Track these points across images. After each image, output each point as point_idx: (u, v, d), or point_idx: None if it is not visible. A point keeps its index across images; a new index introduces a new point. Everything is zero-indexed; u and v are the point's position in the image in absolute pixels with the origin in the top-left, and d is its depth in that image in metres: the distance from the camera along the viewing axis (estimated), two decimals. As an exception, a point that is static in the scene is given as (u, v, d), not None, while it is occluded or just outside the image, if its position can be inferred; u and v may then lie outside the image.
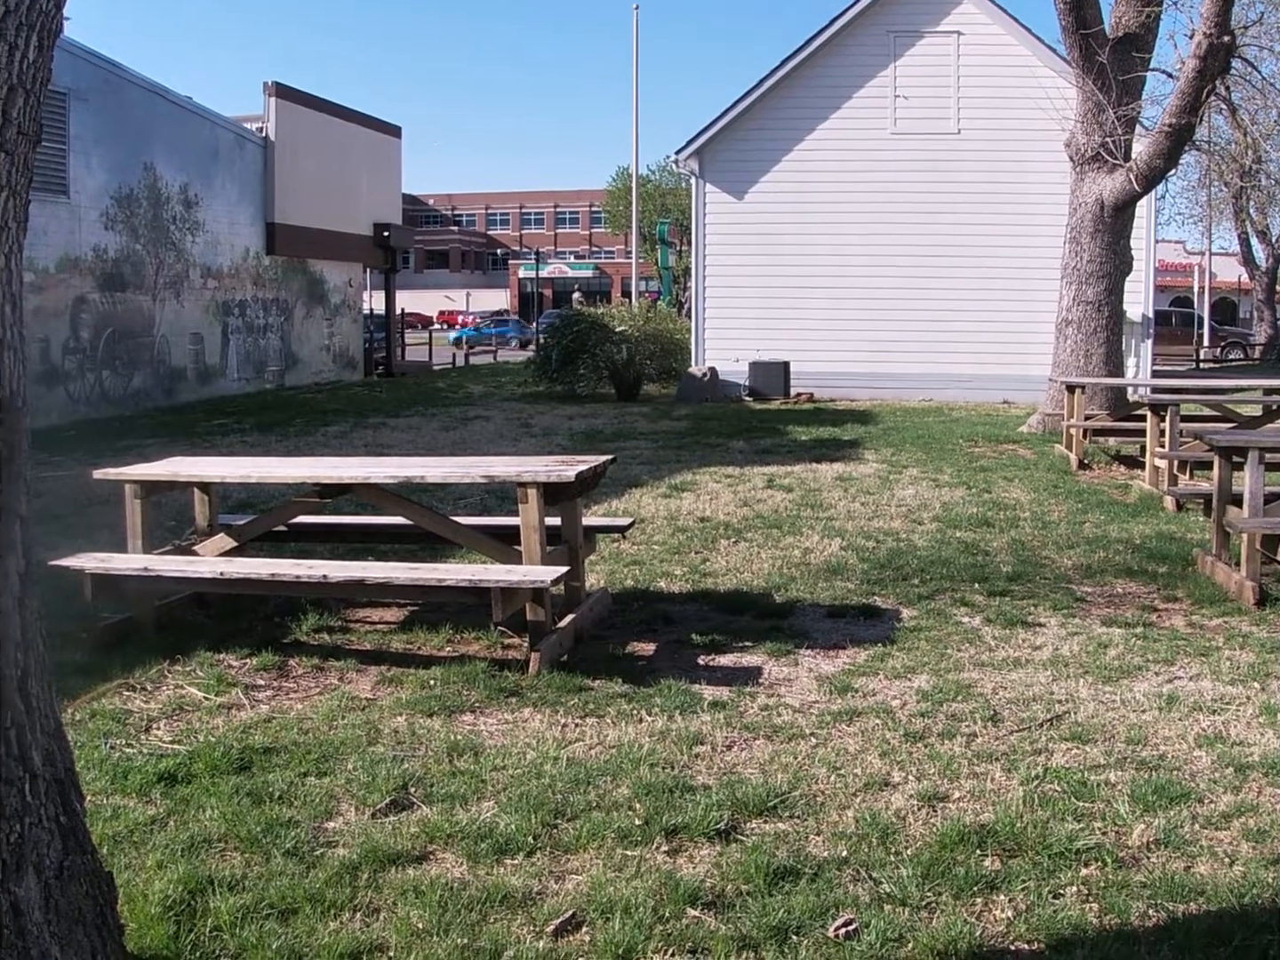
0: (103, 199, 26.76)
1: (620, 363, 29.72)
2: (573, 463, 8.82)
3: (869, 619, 9.33)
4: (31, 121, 3.37)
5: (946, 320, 28.43)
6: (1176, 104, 18.93)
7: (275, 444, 20.18)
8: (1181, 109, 18.83)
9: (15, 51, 3.24)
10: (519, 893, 5.00)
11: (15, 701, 3.37)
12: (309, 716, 7.18)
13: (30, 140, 3.37)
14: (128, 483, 9.07)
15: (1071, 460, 17.43)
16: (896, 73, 29.20)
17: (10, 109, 3.25)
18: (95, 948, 3.63)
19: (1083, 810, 5.78)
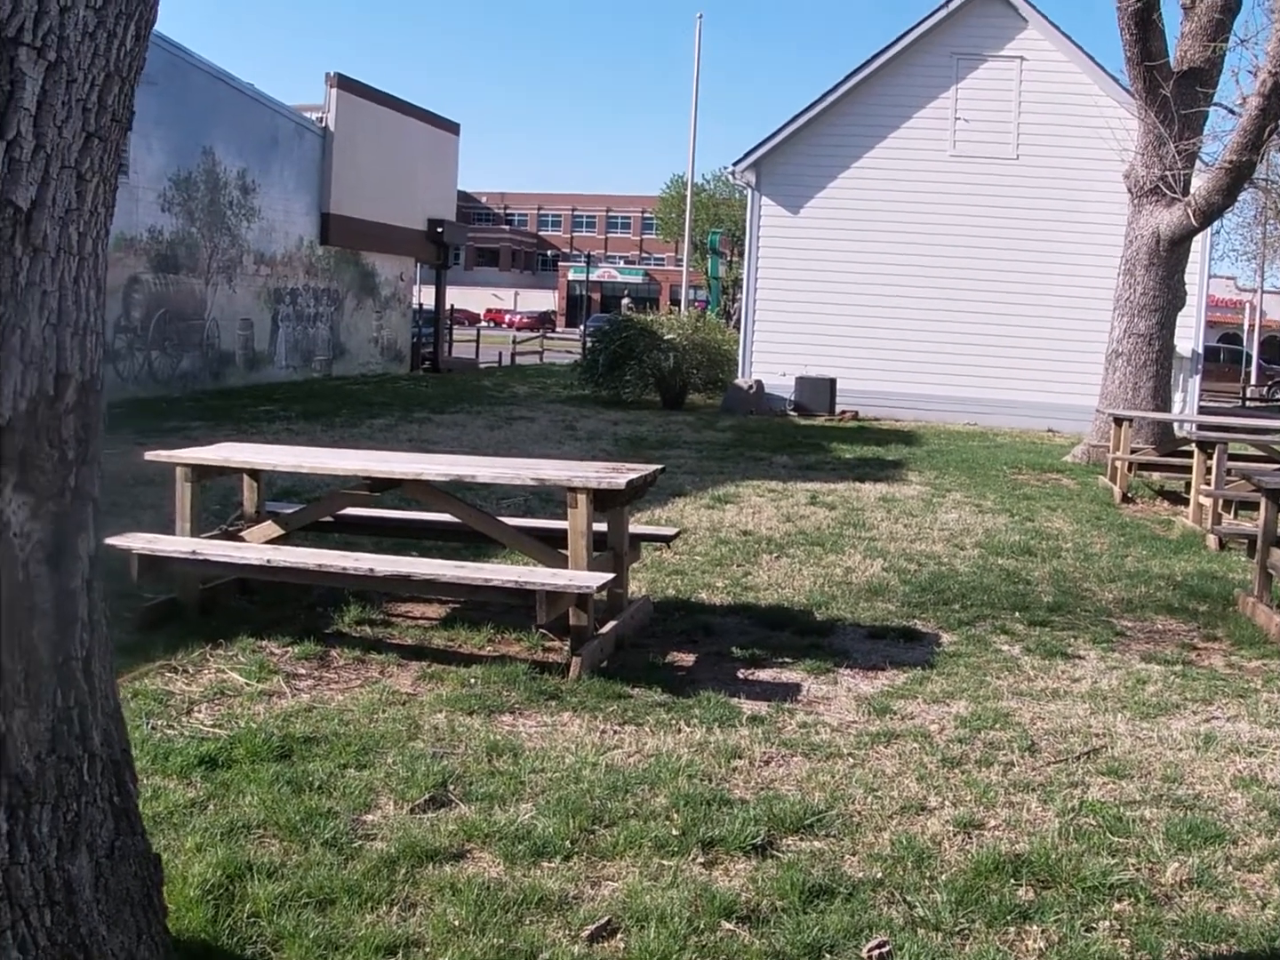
0: (161, 181, 26.92)
1: (667, 370, 29.71)
2: (623, 470, 8.84)
3: (909, 642, 9.32)
4: (125, 109, 3.41)
5: (994, 345, 28.35)
6: (1238, 141, 18.86)
7: (320, 434, 20.25)
8: (1243, 146, 18.76)
9: (114, 39, 3.28)
10: (555, 896, 5.01)
11: (79, 682, 3.41)
12: (349, 708, 7.21)
13: (123, 128, 3.41)
14: (179, 465, 9.12)
15: (1115, 493, 17.35)
16: (958, 95, 29.13)
17: (106, 96, 3.29)
18: (141, 928, 3.66)
19: (1117, 845, 5.75)
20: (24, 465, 3.17)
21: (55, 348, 3.21)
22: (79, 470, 3.34)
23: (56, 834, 3.33)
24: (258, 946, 4.58)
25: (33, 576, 3.23)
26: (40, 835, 3.28)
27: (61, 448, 3.27)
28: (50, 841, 3.31)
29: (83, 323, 3.31)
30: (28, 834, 3.24)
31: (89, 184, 3.29)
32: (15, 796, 3.21)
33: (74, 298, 3.27)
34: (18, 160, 3.06)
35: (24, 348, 3.12)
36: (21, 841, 3.23)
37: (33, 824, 3.26)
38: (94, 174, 3.30)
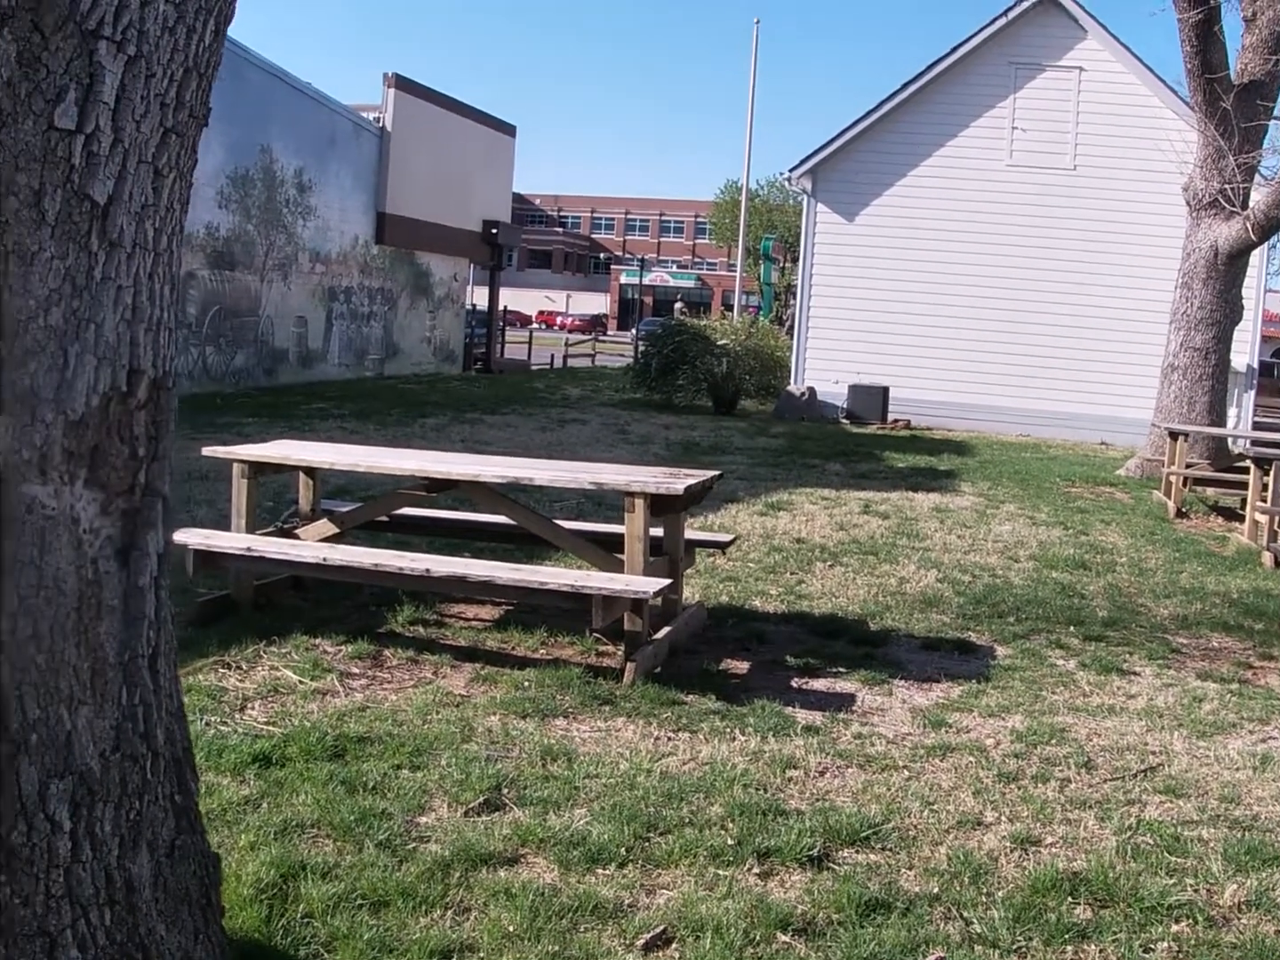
0: (218, 178, 27.02)
1: (720, 376, 29.66)
2: (681, 476, 8.80)
3: (963, 654, 9.25)
4: (202, 105, 3.39)
5: (1048, 356, 28.20)
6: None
7: (373, 432, 20.29)
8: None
9: (193, 35, 3.27)
10: (610, 904, 4.98)
11: (145, 680, 3.39)
12: (403, 709, 7.20)
13: (200, 124, 3.40)
14: (237, 462, 9.13)
15: (1169, 508, 17.21)
16: (1015, 104, 28.99)
17: (185, 92, 3.28)
18: (198, 928, 3.65)
19: (1175, 865, 5.68)
20: (95, 461, 3.16)
21: (129, 343, 3.20)
22: (149, 467, 3.33)
23: (118, 832, 3.31)
24: (311, 948, 4.56)
25: (101, 573, 3.22)
26: (102, 833, 3.27)
27: (133, 444, 3.26)
28: (112, 840, 3.30)
29: (157, 319, 3.30)
30: (90, 832, 3.23)
31: (166, 180, 3.27)
32: (79, 794, 3.20)
33: (149, 293, 3.26)
34: (95, 154, 3.05)
35: (98, 343, 3.11)
36: (84, 839, 3.22)
37: (95, 822, 3.25)
38: (171, 170, 3.29)
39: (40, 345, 3.00)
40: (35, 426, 3.01)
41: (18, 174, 2.92)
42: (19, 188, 2.93)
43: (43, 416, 3.02)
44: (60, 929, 3.16)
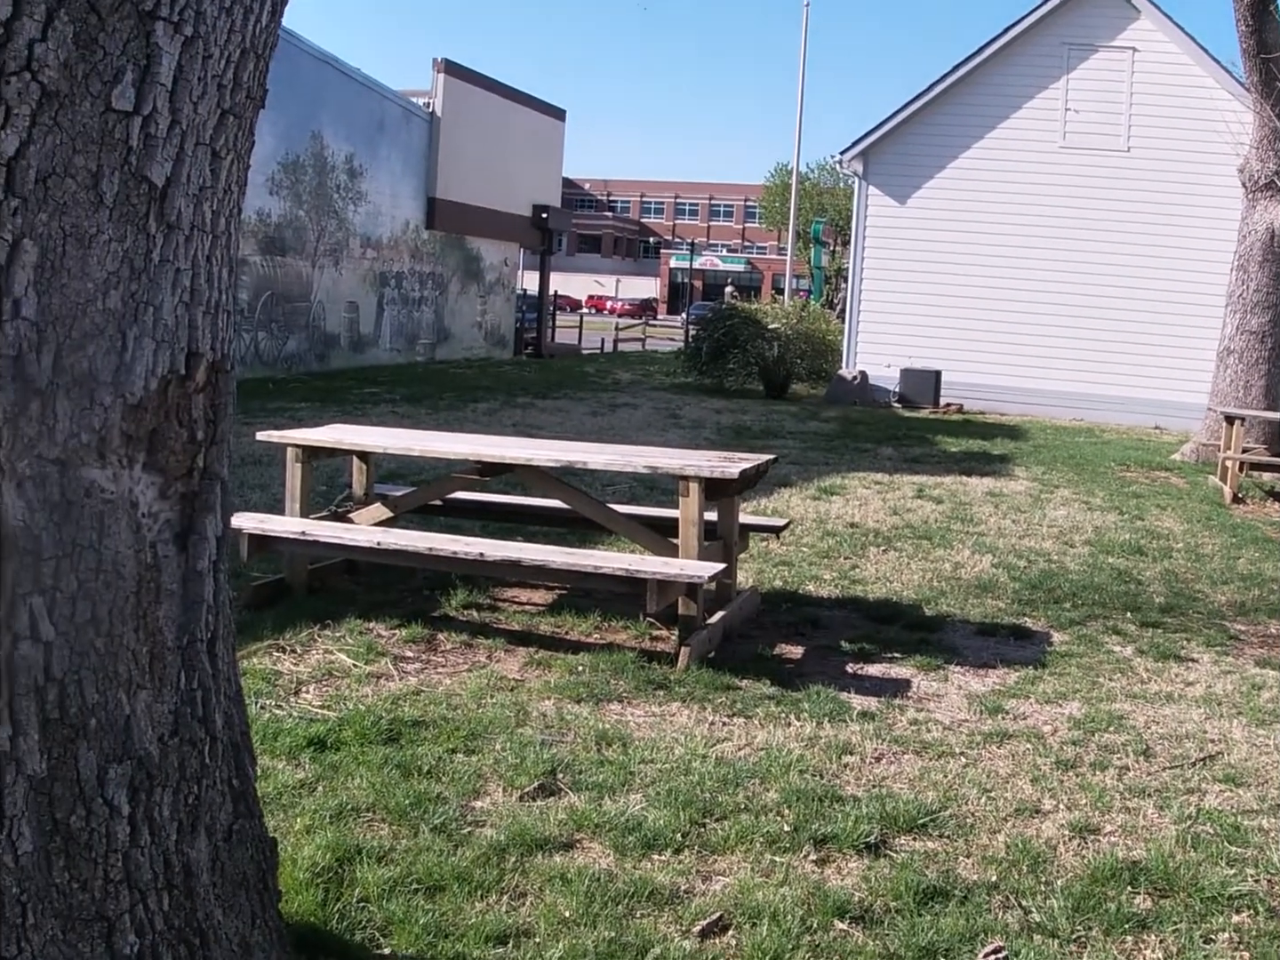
0: (269, 164, 27.10)
1: (771, 360, 29.58)
2: (735, 460, 8.76)
3: (1019, 640, 9.18)
4: (260, 86, 3.38)
5: (1102, 340, 27.97)
6: (1357, 136, 18.50)
7: (425, 417, 20.31)
8: (1361, 141, 18.40)
9: (250, 15, 3.25)
10: (666, 890, 4.96)
11: (204, 664, 3.39)
12: (457, 693, 7.20)
13: (256, 105, 3.39)
14: (290, 446, 9.15)
15: (1225, 493, 17.04)
16: (1068, 86, 28.72)
17: (242, 73, 3.26)
18: (255, 912, 3.64)
19: (1235, 855, 5.62)
20: (154, 445, 3.15)
21: (187, 326, 3.19)
22: (208, 450, 3.32)
23: (177, 817, 3.31)
24: (367, 932, 4.56)
25: (160, 557, 3.21)
26: (161, 818, 3.26)
27: (191, 427, 3.25)
28: (170, 824, 3.29)
29: (215, 301, 3.28)
30: (149, 817, 3.23)
31: (223, 161, 3.26)
32: (138, 779, 3.19)
33: (207, 276, 3.24)
34: (153, 136, 3.03)
35: (156, 326, 3.10)
36: (142, 824, 3.21)
37: (154, 807, 3.24)
38: (228, 151, 3.27)
39: (99, 328, 2.98)
40: (94, 410, 3.00)
41: (75, 156, 2.91)
42: (76, 170, 2.91)
43: (101, 400, 3.01)
44: (118, 913, 3.15)
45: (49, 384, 2.91)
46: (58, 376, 2.92)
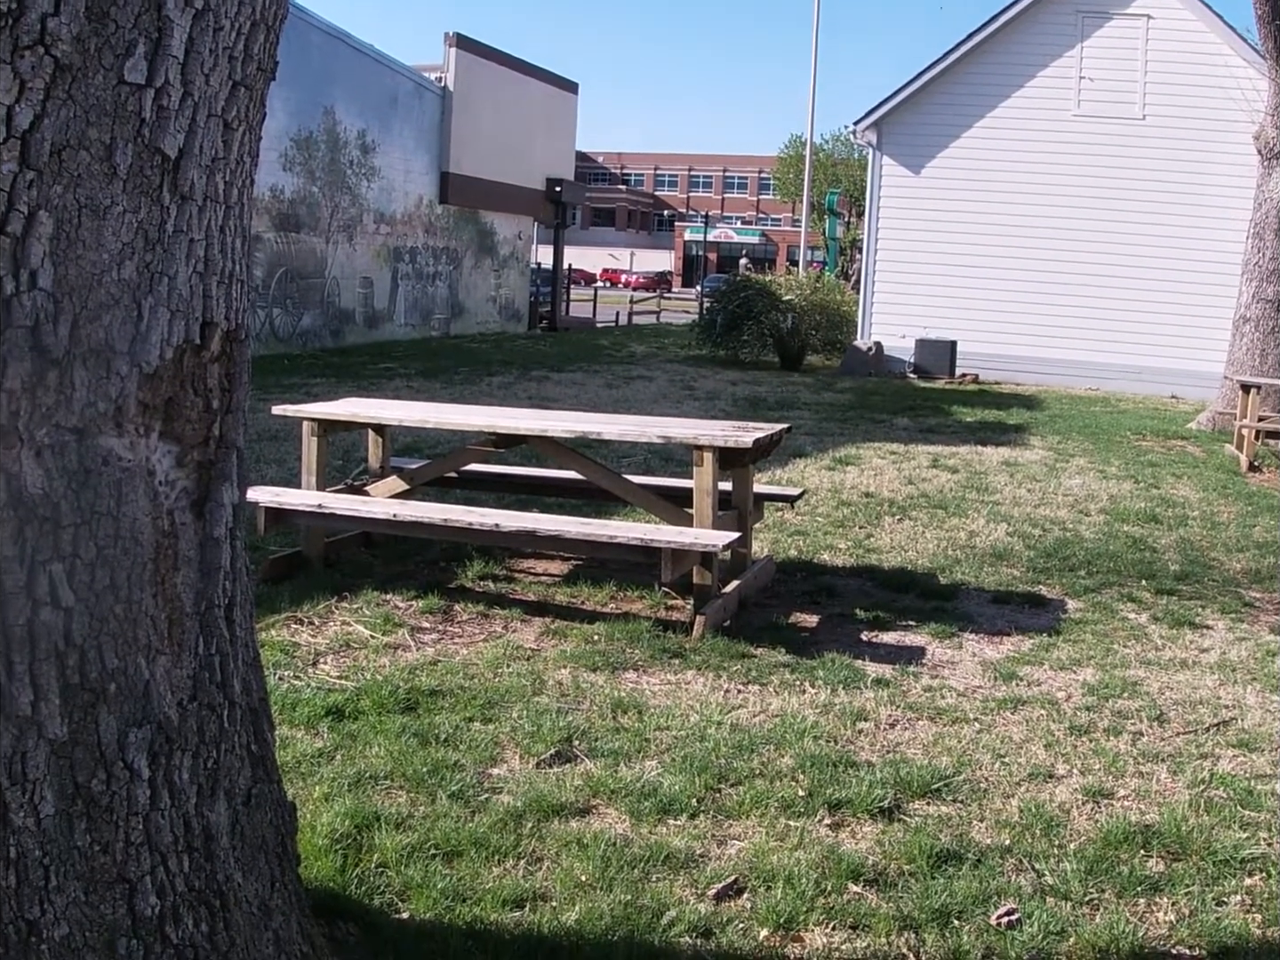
0: (282, 140, 27.11)
1: (785, 331, 29.55)
2: (749, 429, 8.79)
3: (1034, 607, 9.20)
4: (270, 58, 3.40)
5: (1117, 309, 27.85)
6: (1372, 102, 18.43)
7: (440, 391, 20.37)
8: (1376, 107, 18.32)
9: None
10: (681, 854, 5.00)
11: (221, 630, 3.42)
12: (474, 662, 7.25)
13: (268, 76, 3.41)
14: (306, 420, 9.19)
15: (1242, 461, 17.02)
16: (1082, 54, 28.55)
17: (252, 45, 3.28)
18: (274, 875, 3.68)
19: (1248, 819, 5.65)
20: (170, 414, 3.19)
21: (202, 296, 3.22)
22: (224, 419, 3.36)
23: (196, 780, 3.35)
24: (385, 896, 4.61)
25: (178, 524, 3.25)
26: (180, 782, 3.30)
27: (207, 396, 3.28)
28: (190, 788, 3.33)
29: (229, 271, 3.31)
30: (169, 780, 3.27)
31: (235, 133, 3.28)
32: (157, 743, 3.23)
33: (220, 246, 3.27)
34: (165, 108, 3.06)
35: (171, 296, 3.13)
36: (162, 788, 3.25)
37: (174, 770, 3.28)
38: (240, 123, 3.30)
39: (114, 299, 3.02)
40: (110, 379, 3.03)
41: (89, 128, 2.93)
42: (90, 142, 2.94)
43: (118, 369, 3.04)
44: (140, 875, 3.19)
45: (66, 354, 2.95)
46: (74, 347, 2.96)
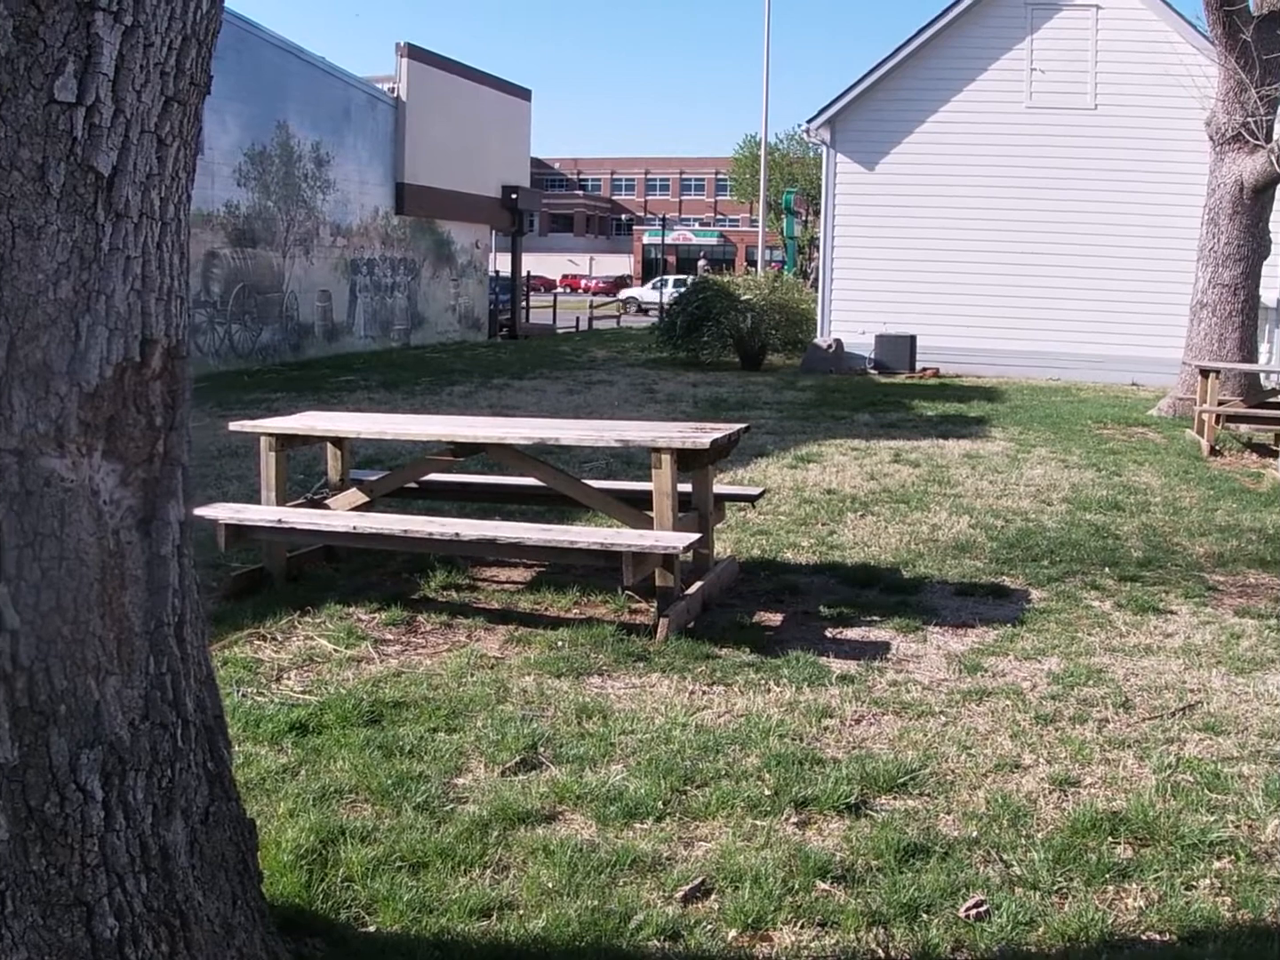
0: (236, 155, 27.07)
1: (745, 331, 29.56)
2: (707, 430, 8.79)
3: (998, 598, 9.22)
4: (203, 73, 3.39)
5: (1076, 299, 27.94)
6: (1321, 86, 18.52)
7: (401, 402, 20.33)
8: (1326, 90, 18.42)
9: (190, 2, 3.26)
10: (648, 857, 5.00)
11: (172, 648, 3.41)
12: (438, 673, 7.23)
13: (201, 91, 3.39)
14: (263, 435, 9.16)
15: (1203, 446, 17.09)
16: (1033, 46, 28.64)
17: (184, 60, 3.27)
18: (236, 893, 3.67)
19: (1216, 802, 5.67)
20: (112, 432, 3.17)
21: (140, 313, 3.20)
22: (167, 436, 3.34)
23: (151, 800, 3.33)
24: (351, 910, 4.60)
25: (123, 543, 3.23)
26: (135, 802, 3.29)
27: (149, 413, 3.27)
28: (145, 808, 3.32)
29: (167, 288, 3.30)
30: (123, 801, 3.25)
31: (169, 149, 3.27)
32: (110, 763, 3.22)
33: (158, 263, 3.26)
34: (98, 126, 3.04)
35: (109, 314, 3.12)
36: (117, 808, 3.24)
37: (128, 791, 3.27)
38: (174, 138, 3.29)
39: (51, 319, 3.00)
40: (50, 400, 3.02)
41: (20, 149, 2.92)
42: (22, 162, 2.93)
43: (57, 390, 3.03)
44: (97, 897, 3.18)
45: (4, 375, 2.94)
46: (12, 368, 2.94)
